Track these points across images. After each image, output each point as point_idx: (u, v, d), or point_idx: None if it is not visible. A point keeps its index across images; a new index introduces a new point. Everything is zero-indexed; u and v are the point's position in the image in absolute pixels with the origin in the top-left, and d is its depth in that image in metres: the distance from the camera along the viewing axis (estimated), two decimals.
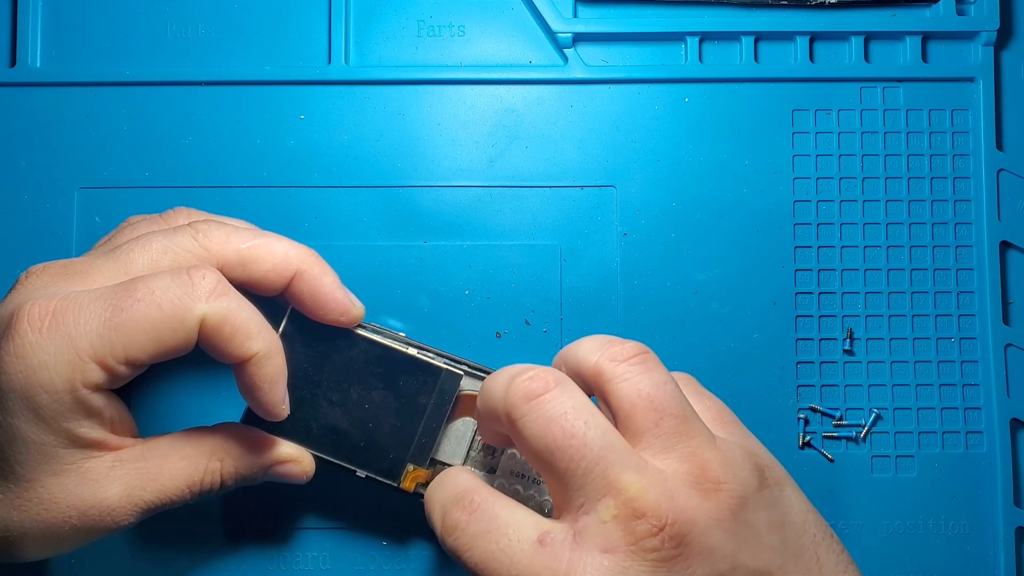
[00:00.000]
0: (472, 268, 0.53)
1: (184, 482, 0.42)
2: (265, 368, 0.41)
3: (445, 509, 0.41)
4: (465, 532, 0.40)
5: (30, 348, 0.38)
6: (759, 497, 0.39)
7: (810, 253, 0.53)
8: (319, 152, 0.53)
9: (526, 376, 0.40)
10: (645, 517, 0.37)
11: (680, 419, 0.39)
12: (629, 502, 0.37)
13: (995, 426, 0.52)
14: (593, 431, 0.38)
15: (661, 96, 0.54)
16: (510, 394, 0.40)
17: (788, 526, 0.40)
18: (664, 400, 0.39)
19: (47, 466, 0.40)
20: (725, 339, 0.53)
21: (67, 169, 0.53)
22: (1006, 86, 0.54)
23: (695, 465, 0.39)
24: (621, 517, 0.37)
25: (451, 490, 0.42)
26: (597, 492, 0.38)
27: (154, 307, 0.39)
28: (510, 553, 0.38)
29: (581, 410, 0.39)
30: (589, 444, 0.38)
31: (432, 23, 0.54)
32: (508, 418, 0.40)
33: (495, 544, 0.39)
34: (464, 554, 0.39)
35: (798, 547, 0.40)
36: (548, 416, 0.39)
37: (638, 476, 0.38)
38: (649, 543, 0.37)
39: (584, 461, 0.38)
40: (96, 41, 0.54)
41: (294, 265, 0.43)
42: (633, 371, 0.40)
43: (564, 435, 0.38)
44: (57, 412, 0.39)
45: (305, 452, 0.45)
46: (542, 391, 0.39)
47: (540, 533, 0.39)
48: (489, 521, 0.40)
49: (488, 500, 0.40)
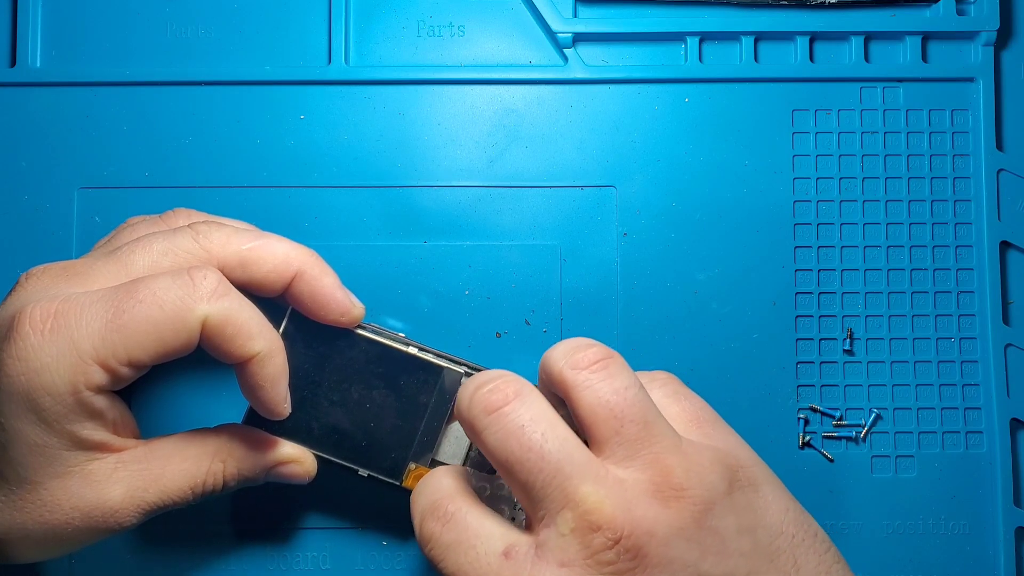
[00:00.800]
0: (472, 268, 0.53)
1: (186, 483, 0.42)
2: (267, 367, 0.41)
3: (423, 517, 0.41)
4: (439, 543, 0.40)
5: (32, 350, 0.38)
6: (727, 501, 0.39)
7: (810, 253, 0.53)
8: (319, 152, 0.53)
9: (487, 388, 0.40)
10: (601, 530, 0.37)
11: (642, 425, 0.39)
12: (585, 515, 0.37)
13: (995, 426, 0.52)
14: (551, 443, 0.38)
15: (661, 96, 0.54)
16: (472, 406, 0.40)
17: (761, 528, 0.40)
18: (624, 407, 0.39)
19: (50, 468, 0.40)
20: (725, 339, 0.53)
21: (67, 169, 0.53)
22: (1006, 86, 0.54)
23: (656, 472, 0.38)
24: (578, 530, 0.37)
25: (428, 498, 0.42)
26: (556, 505, 0.38)
27: (156, 308, 0.39)
28: (477, 566, 0.39)
29: (539, 421, 0.39)
30: (546, 457, 0.38)
31: (432, 23, 0.54)
32: (472, 430, 0.40)
33: (463, 556, 0.39)
34: (438, 565, 0.40)
35: (772, 550, 0.40)
36: (506, 429, 0.39)
37: (595, 487, 0.38)
38: (605, 556, 0.37)
39: (542, 475, 0.38)
40: (96, 41, 0.54)
41: (294, 266, 0.43)
42: (594, 378, 0.40)
43: (521, 448, 0.38)
44: (59, 414, 0.39)
45: (307, 452, 0.45)
46: (501, 403, 0.39)
47: (506, 546, 0.39)
48: (460, 532, 0.40)
49: (461, 510, 0.41)
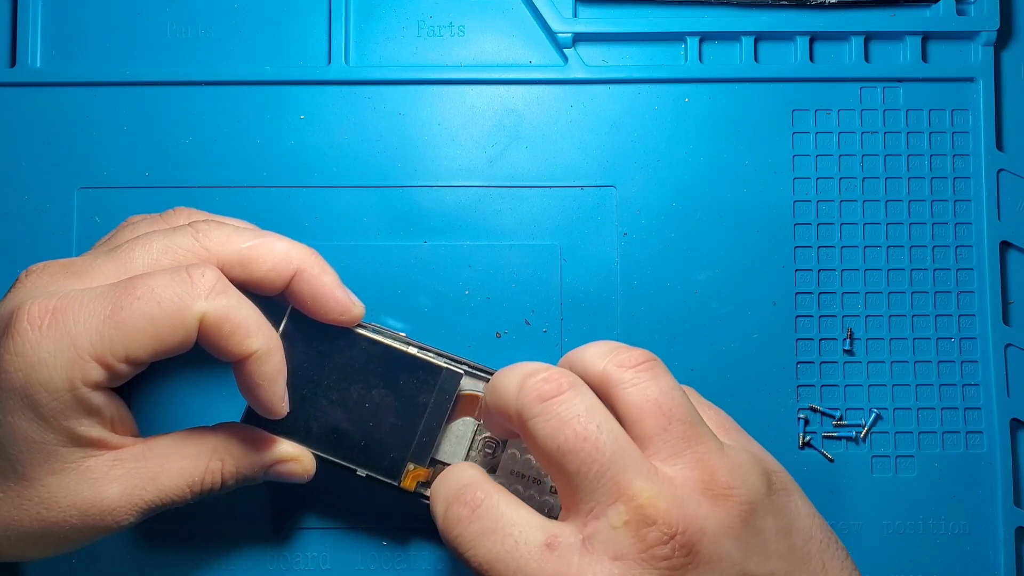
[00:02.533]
0: (472, 268, 0.53)
1: (185, 481, 0.42)
2: (265, 366, 0.41)
3: (448, 503, 0.41)
4: (468, 529, 0.39)
5: (30, 346, 0.38)
6: (768, 503, 0.39)
7: (810, 253, 0.53)
8: (319, 152, 0.53)
9: (540, 377, 0.39)
10: (656, 524, 0.37)
11: (688, 425, 0.39)
12: (640, 508, 0.37)
13: (995, 426, 0.52)
14: (606, 435, 0.38)
15: (661, 96, 0.54)
16: (523, 394, 0.39)
17: (795, 532, 0.40)
18: (672, 406, 0.39)
19: (47, 465, 0.40)
20: (725, 339, 0.53)
21: (67, 169, 0.53)
22: (1006, 86, 0.54)
23: (704, 471, 0.38)
24: (632, 523, 0.37)
25: (455, 484, 0.41)
26: (608, 497, 0.38)
27: (154, 305, 0.39)
28: (517, 555, 0.38)
29: (594, 413, 0.39)
30: (601, 448, 0.38)
31: (432, 23, 0.54)
32: (519, 417, 0.40)
33: (500, 544, 0.39)
34: (467, 552, 0.39)
35: (805, 553, 0.40)
36: (561, 418, 0.38)
37: (649, 483, 0.37)
38: (660, 551, 0.37)
39: (596, 465, 0.38)
40: (96, 41, 0.54)
41: (294, 264, 0.43)
42: (641, 377, 0.40)
43: (577, 437, 0.38)
44: (57, 410, 0.39)
45: (306, 451, 0.45)
46: (556, 392, 0.39)
47: (547, 536, 0.38)
48: (494, 519, 0.39)
49: (492, 496, 0.40)
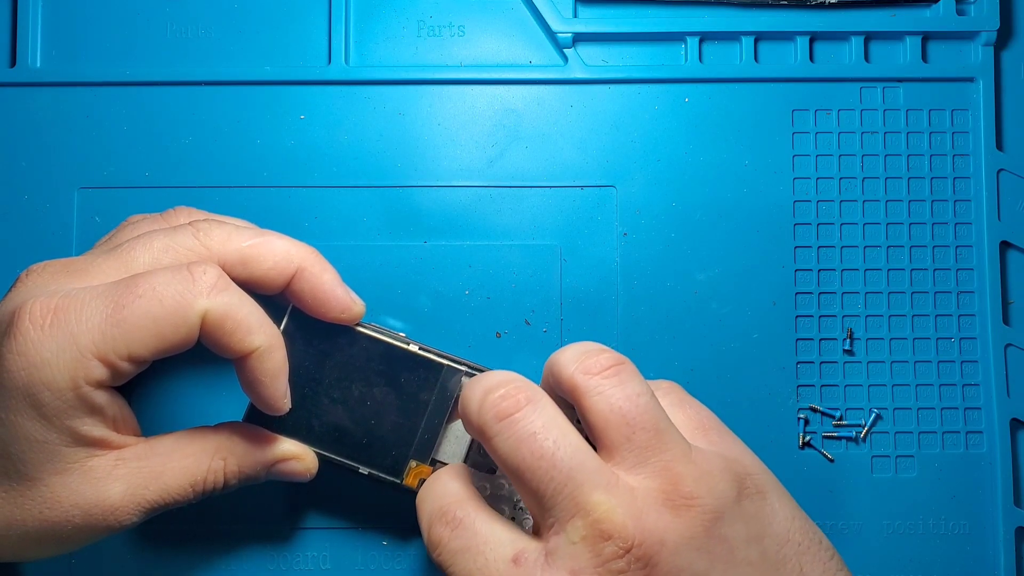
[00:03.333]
0: (472, 268, 0.53)
1: (187, 481, 0.42)
2: (266, 362, 0.41)
3: (431, 522, 0.41)
4: (447, 548, 0.40)
5: (32, 346, 0.38)
6: (736, 509, 0.39)
7: (810, 253, 0.53)
8: (319, 152, 0.53)
9: (497, 394, 0.40)
10: (612, 539, 0.37)
11: (653, 432, 0.39)
12: (596, 523, 0.37)
13: (995, 426, 0.52)
14: (563, 451, 0.38)
15: (661, 96, 0.54)
16: (483, 412, 0.40)
17: (769, 537, 0.40)
18: (636, 414, 0.39)
19: (50, 464, 0.39)
20: (725, 339, 0.53)
21: (67, 169, 0.53)
22: (1006, 86, 0.54)
23: (667, 481, 0.38)
24: (589, 538, 0.37)
25: (437, 502, 0.42)
26: (566, 512, 0.38)
27: (155, 303, 0.39)
28: (486, 572, 0.39)
29: (551, 428, 0.39)
30: (558, 465, 0.38)
31: (432, 23, 0.54)
32: (481, 435, 0.40)
33: (472, 563, 0.39)
34: (447, 570, 0.40)
35: (779, 558, 0.39)
36: (518, 436, 0.39)
37: (607, 496, 0.38)
38: (615, 565, 0.37)
39: (553, 483, 0.38)
40: (96, 41, 0.54)
41: (295, 263, 0.43)
42: (606, 384, 0.40)
43: (533, 456, 0.38)
44: (60, 410, 0.38)
45: (308, 450, 0.45)
46: (513, 410, 0.39)
47: (515, 552, 0.39)
48: (469, 538, 0.40)
49: (470, 515, 0.41)
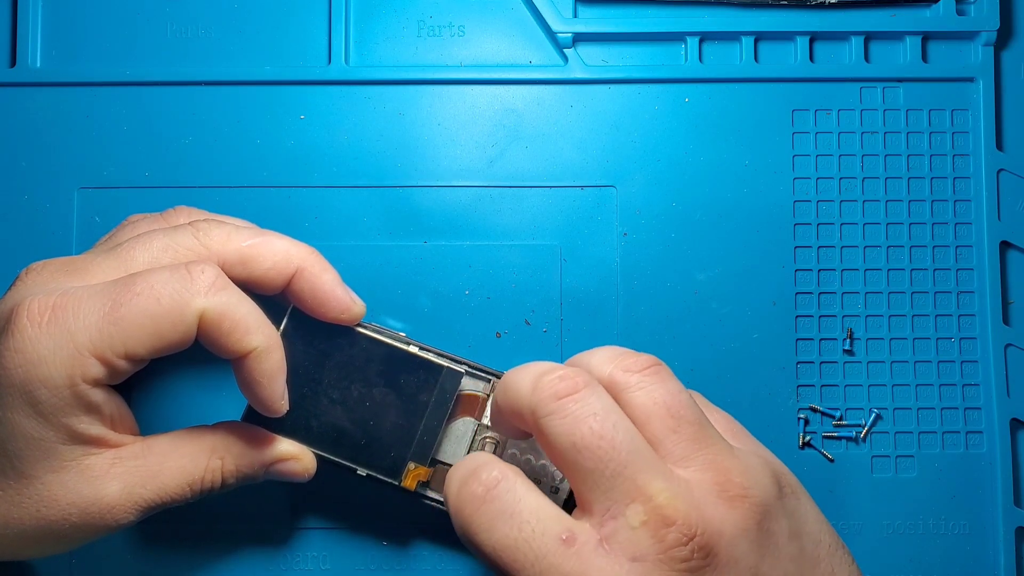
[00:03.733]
0: (472, 268, 0.53)
1: (185, 480, 0.42)
2: (264, 363, 0.41)
3: (463, 480, 0.40)
4: (481, 510, 0.39)
5: (30, 343, 0.38)
6: (779, 506, 0.39)
7: (810, 253, 0.53)
8: (319, 152, 0.53)
9: (556, 375, 0.39)
10: (675, 525, 0.36)
11: (698, 427, 0.39)
12: (658, 509, 0.37)
13: (995, 426, 0.52)
14: (622, 434, 0.38)
15: (661, 96, 0.54)
16: (538, 391, 0.39)
17: (805, 535, 0.40)
18: (680, 408, 0.39)
19: (47, 462, 0.39)
20: (725, 339, 0.53)
21: (67, 169, 0.53)
22: (1006, 86, 0.54)
23: (718, 473, 0.38)
24: (651, 524, 0.37)
25: (471, 463, 0.41)
26: (625, 496, 0.37)
27: (153, 301, 0.39)
28: (535, 545, 0.37)
29: (610, 412, 0.38)
30: (618, 447, 0.37)
31: (432, 23, 0.54)
32: (534, 415, 0.39)
33: (518, 531, 0.38)
34: (479, 535, 0.38)
35: (815, 556, 0.40)
36: (577, 415, 0.38)
37: (667, 483, 0.37)
38: (679, 552, 0.36)
39: (612, 463, 0.37)
40: (96, 41, 0.54)
41: (295, 263, 0.43)
42: (647, 381, 0.40)
43: (593, 435, 0.37)
44: (57, 407, 0.39)
45: (306, 450, 0.45)
46: (571, 390, 0.38)
47: (564, 530, 0.38)
48: (511, 503, 0.38)
49: (509, 478, 0.39)
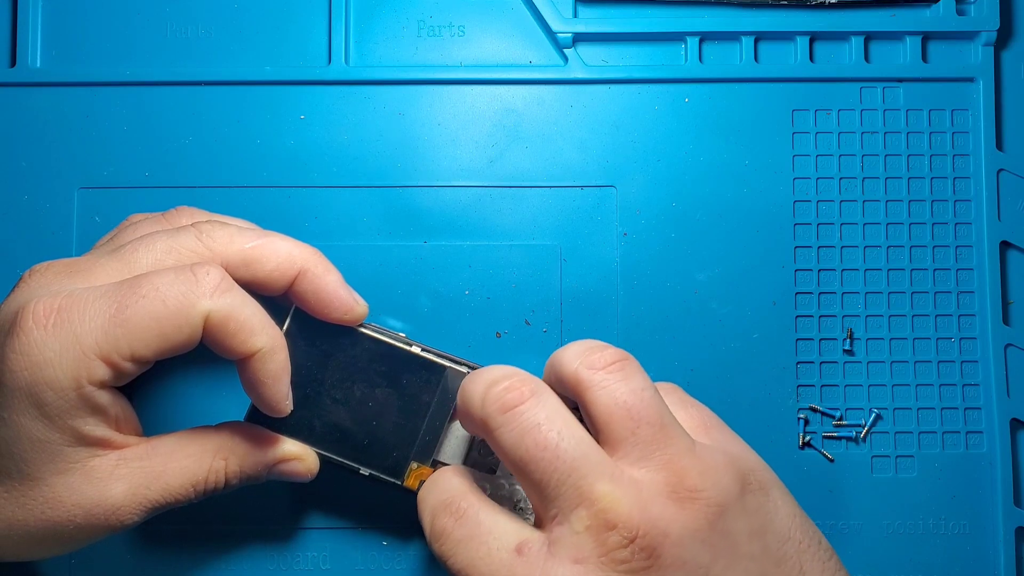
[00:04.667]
0: (472, 268, 0.53)
1: (189, 481, 0.42)
2: (269, 364, 0.41)
3: (434, 514, 0.42)
4: (450, 538, 0.40)
5: (35, 345, 0.38)
6: (740, 504, 0.39)
7: (810, 253, 0.53)
8: (319, 152, 0.53)
9: (502, 386, 0.40)
10: (616, 528, 0.37)
11: (658, 427, 0.39)
12: (601, 513, 0.37)
13: (995, 426, 0.52)
14: (567, 441, 0.38)
15: (661, 96, 0.54)
16: (486, 403, 0.40)
17: (771, 533, 0.40)
18: (641, 408, 0.39)
19: (52, 464, 0.40)
20: (725, 339, 0.53)
21: (67, 169, 0.53)
22: (1006, 86, 0.55)
23: (672, 473, 0.39)
24: (593, 528, 0.37)
25: (440, 495, 0.42)
26: (570, 503, 0.38)
27: (159, 303, 0.39)
28: (489, 561, 0.39)
29: (555, 420, 0.39)
30: (562, 456, 0.38)
31: (432, 23, 0.54)
32: (484, 427, 0.40)
33: (475, 552, 0.39)
34: (448, 560, 0.40)
35: (780, 555, 0.40)
36: (522, 428, 0.39)
37: (612, 486, 0.38)
38: (620, 554, 0.37)
39: (556, 473, 0.38)
40: (96, 41, 0.54)
41: (298, 264, 0.43)
42: (611, 379, 0.40)
43: (537, 447, 0.38)
44: (62, 409, 0.38)
45: (309, 450, 0.45)
46: (517, 402, 0.39)
47: (519, 542, 0.39)
48: (472, 528, 0.40)
49: (474, 506, 0.41)
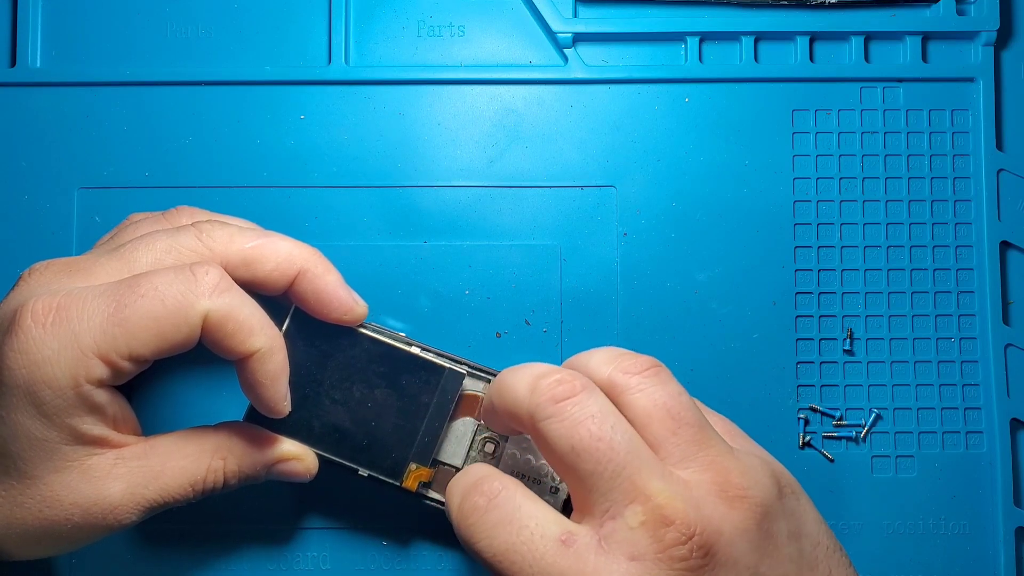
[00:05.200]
0: (472, 268, 0.53)
1: (187, 480, 0.42)
2: (267, 364, 0.41)
3: (465, 493, 0.41)
4: (483, 519, 0.39)
5: (34, 344, 0.38)
6: (779, 506, 0.39)
7: (810, 253, 0.53)
8: (319, 152, 0.53)
9: (553, 379, 0.39)
10: (674, 525, 0.37)
11: (698, 428, 0.39)
12: (657, 509, 0.37)
13: (995, 426, 0.52)
14: (620, 436, 0.38)
15: (661, 96, 0.54)
16: (536, 395, 0.39)
17: (804, 536, 0.40)
18: (680, 410, 0.40)
19: (50, 463, 0.39)
20: (725, 339, 0.53)
21: (67, 169, 0.53)
22: (1006, 86, 0.54)
23: (718, 473, 0.39)
24: (649, 524, 0.37)
25: (472, 476, 0.41)
26: (624, 497, 0.38)
27: (157, 303, 0.39)
28: (532, 548, 0.38)
29: (608, 414, 0.39)
30: (616, 448, 0.38)
31: (432, 23, 0.54)
32: (531, 418, 0.39)
33: (516, 536, 0.38)
34: (481, 542, 0.39)
35: (813, 558, 0.40)
36: (575, 418, 0.38)
37: (665, 484, 0.38)
38: (677, 552, 0.37)
39: (611, 465, 0.38)
40: (96, 41, 0.54)
41: (297, 264, 0.43)
42: (647, 383, 0.40)
43: (592, 437, 0.38)
44: (60, 408, 0.38)
45: (308, 450, 0.45)
46: (569, 394, 0.39)
47: (563, 532, 0.38)
48: (511, 511, 0.39)
49: (509, 488, 0.40)
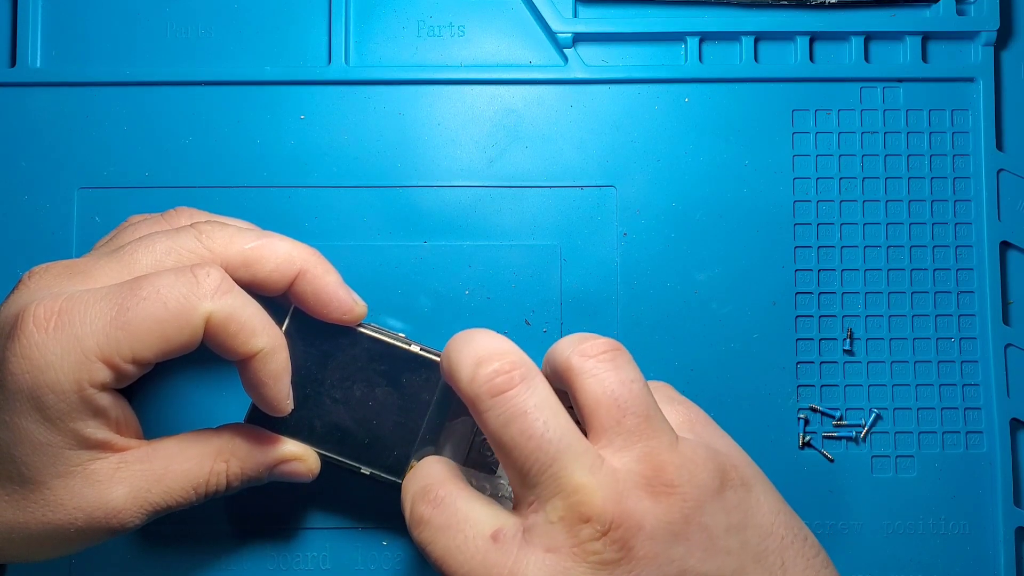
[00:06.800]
0: (472, 268, 0.53)
1: (190, 483, 0.42)
2: (269, 364, 0.41)
3: (413, 502, 0.42)
4: (428, 526, 0.40)
5: (36, 348, 0.38)
6: (718, 500, 0.39)
7: (810, 253, 0.53)
8: (319, 152, 0.53)
9: (492, 368, 0.40)
10: (590, 521, 0.37)
11: (643, 418, 0.40)
12: (576, 505, 0.38)
13: (995, 426, 0.52)
14: (551, 431, 0.39)
15: (661, 96, 0.54)
16: (475, 384, 0.40)
17: (751, 528, 0.40)
18: (628, 398, 0.40)
19: (53, 467, 0.39)
20: (725, 339, 0.53)
21: (67, 169, 0.53)
22: (1006, 86, 0.55)
23: (650, 466, 0.39)
24: (567, 519, 0.38)
25: (419, 483, 0.42)
26: (548, 491, 0.38)
27: (159, 305, 0.38)
28: (464, 549, 0.39)
29: (542, 408, 0.39)
30: (545, 446, 0.38)
31: (432, 23, 0.54)
32: (472, 406, 0.40)
33: (452, 540, 0.39)
34: (427, 548, 0.40)
35: (761, 550, 0.40)
36: (509, 414, 0.39)
37: (589, 477, 0.38)
38: (591, 546, 0.37)
39: (539, 462, 0.38)
40: (96, 41, 0.54)
41: (297, 265, 0.43)
42: (601, 367, 0.40)
43: (522, 435, 0.39)
44: (64, 412, 0.38)
45: (310, 450, 0.45)
46: (507, 387, 0.39)
47: (494, 529, 0.39)
48: (450, 515, 0.40)
49: (452, 494, 0.41)
